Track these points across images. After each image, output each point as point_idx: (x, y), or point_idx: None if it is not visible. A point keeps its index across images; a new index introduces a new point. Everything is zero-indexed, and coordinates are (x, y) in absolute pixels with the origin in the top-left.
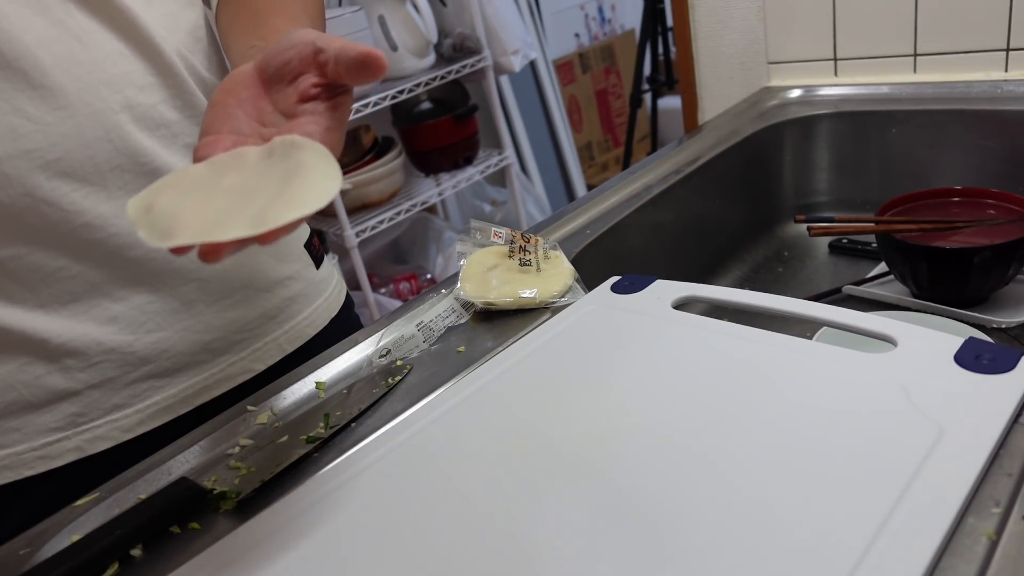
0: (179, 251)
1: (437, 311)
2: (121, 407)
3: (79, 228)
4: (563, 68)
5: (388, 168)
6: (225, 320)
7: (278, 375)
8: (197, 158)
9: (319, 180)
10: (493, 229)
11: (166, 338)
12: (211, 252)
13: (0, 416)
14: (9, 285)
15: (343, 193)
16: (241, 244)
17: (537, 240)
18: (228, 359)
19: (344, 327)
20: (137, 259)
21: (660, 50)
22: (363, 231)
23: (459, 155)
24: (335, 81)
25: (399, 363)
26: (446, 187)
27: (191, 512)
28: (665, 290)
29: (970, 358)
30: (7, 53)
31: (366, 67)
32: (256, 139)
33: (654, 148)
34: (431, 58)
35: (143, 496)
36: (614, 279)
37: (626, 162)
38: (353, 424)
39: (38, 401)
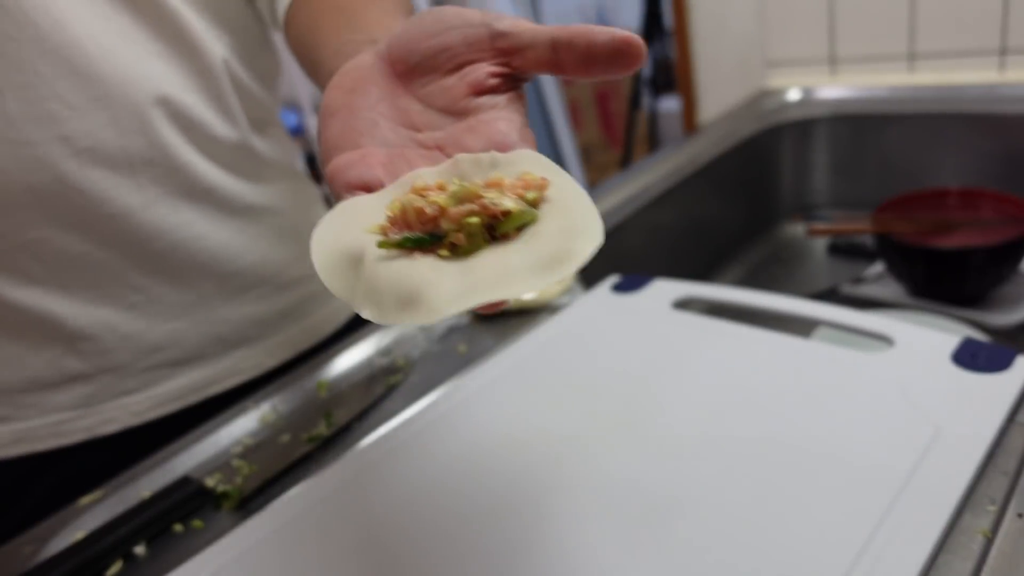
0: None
1: None
2: (132, 392)
3: (106, 217)
4: None
5: None
6: (240, 315)
7: (291, 371)
8: (344, 183)
9: (576, 198)
10: None
11: (180, 328)
12: (493, 307)
13: (17, 391)
14: (33, 267)
15: None
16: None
17: None
18: (241, 353)
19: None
20: (160, 251)
21: (658, 52)
22: None
23: None
24: (521, 72)
25: (399, 363)
26: None
27: (194, 510)
28: (665, 290)
29: (966, 357)
30: (56, 39)
31: (622, 56)
32: (414, 149)
33: (653, 149)
34: None
35: (146, 494)
36: (614, 279)
37: (626, 163)
38: (354, 423)
39: (53, 380)
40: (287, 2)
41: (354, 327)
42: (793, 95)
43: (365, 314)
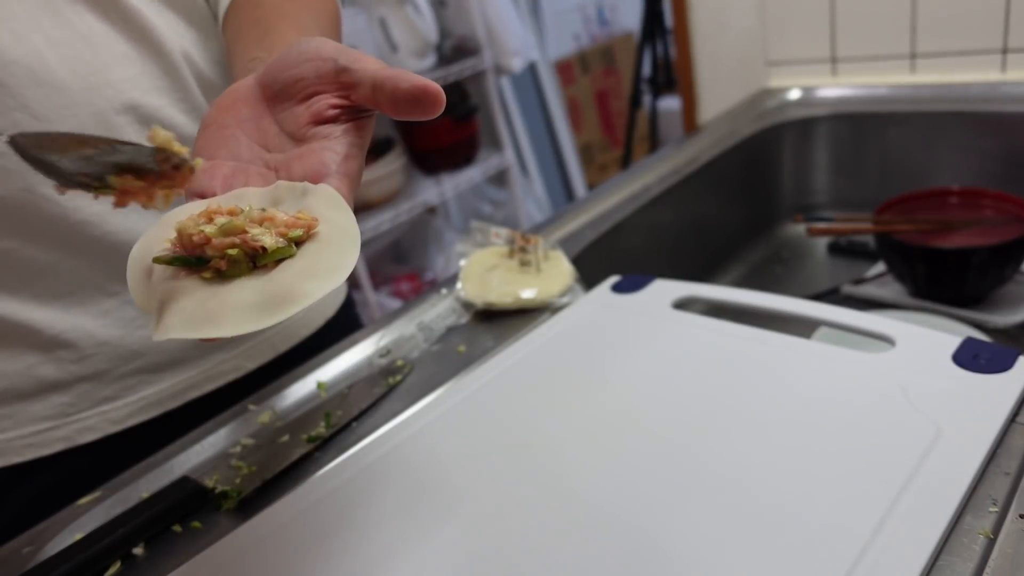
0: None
1: (437, 311)
2: (111, 399)
3: (75, 225)
4: (563, 69)
5: (389, 168)
6: None
7: (271, 373)
8: (187, 189)
9: (342, 240)
10: (493, 229)
11: None
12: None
13: None
14: (4, 276)
15: None
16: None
17: (537, 240)
18: (219, 356)
19: (342, 328)
20: None
21: (659, 51)
22: (364, 231)
23: (459, 155)
24: (360, 105)
25: (399, 363)
26: (447, 187)
27: (193, 511)
28: (665, 290)
29: (968, 357)
30: (15, 50)
31: (420, 103)
32: (258, 167)
33: (653, 149)
34: (431, 59)
35: (145, 495)
36: (614, 279)
37: (626, 163)
38: (354, 424)
39: (29, 390)
40: (225, 7)
41: (337, 329)
42: (794, 94)
43: (150, 325)
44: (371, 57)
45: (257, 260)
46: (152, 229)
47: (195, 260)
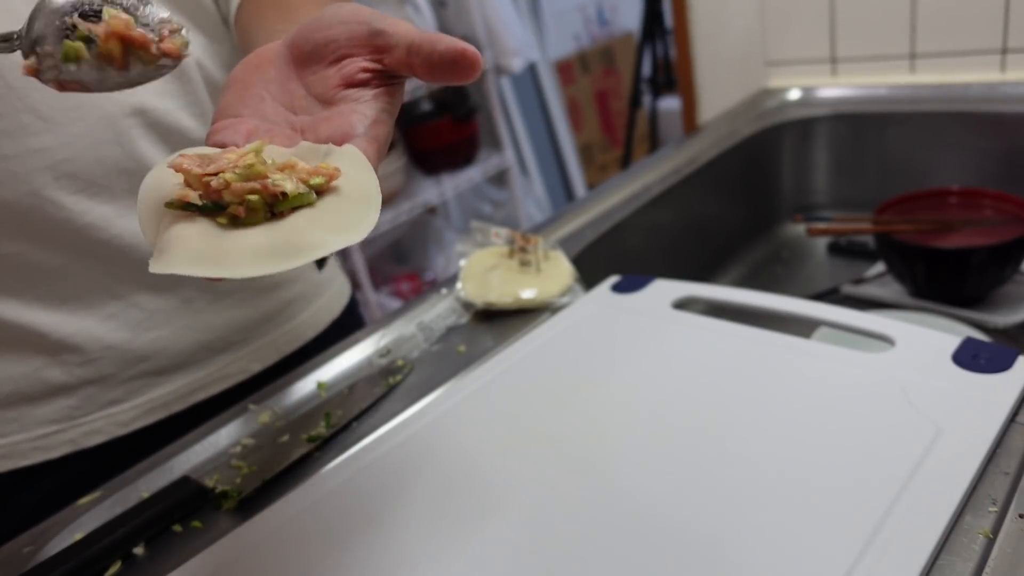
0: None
1: (437, 311)
2: (117, 402)
3: (82, 228)
4: (563, 69)
5: (389, 168)
6: (224, 320)
7: (276, 375)
8: (210, 142)
9: (363, 196)
10: (493, 229)
11: (165, 336)
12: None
13: None
14: (10, 280)
15: None
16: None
17: (537, 240)
18: (226, 359)
19: (346, 329)
20: (139, 260)
21: (659, 51)
22: None
23: (460, 155)
24: (392, 70)
25: (399, 363)
26: (447, 187)
27: (193, 511)
28: (665, 290)
29: (968, 357)
30: None
31: (458, 66)
32: (283, 128)
33: (653, 149)
34: None
35: (145, 495)
36: (614, 279)
37: (626, 163)
38: (354, 423)
39: (35, 394)
40: (237, 1)
41: (341, 330)
42: (794, 95)
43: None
44: (406, 22)
45: (275, 207)
46: (164, 161)
47: (211, 206)
